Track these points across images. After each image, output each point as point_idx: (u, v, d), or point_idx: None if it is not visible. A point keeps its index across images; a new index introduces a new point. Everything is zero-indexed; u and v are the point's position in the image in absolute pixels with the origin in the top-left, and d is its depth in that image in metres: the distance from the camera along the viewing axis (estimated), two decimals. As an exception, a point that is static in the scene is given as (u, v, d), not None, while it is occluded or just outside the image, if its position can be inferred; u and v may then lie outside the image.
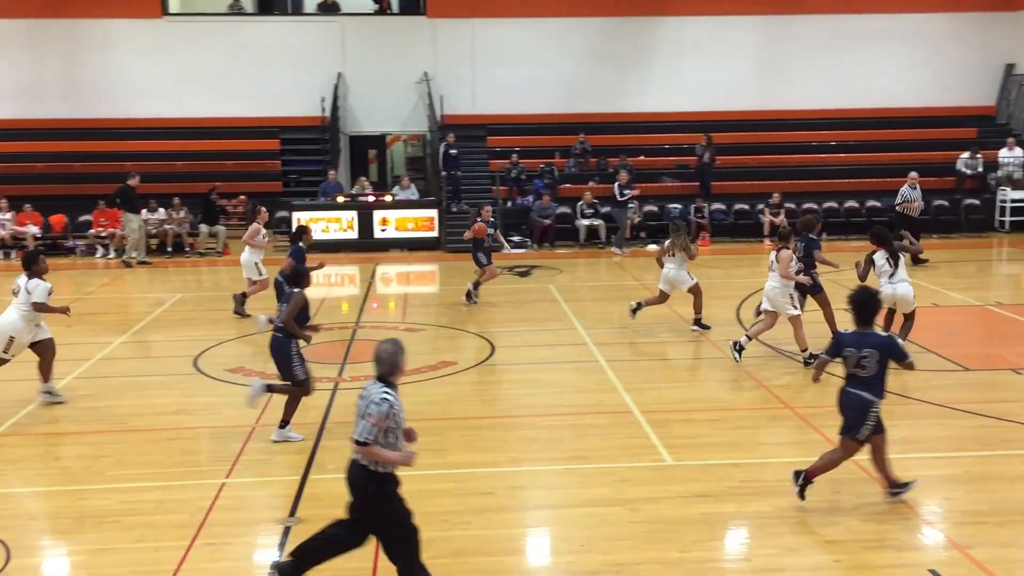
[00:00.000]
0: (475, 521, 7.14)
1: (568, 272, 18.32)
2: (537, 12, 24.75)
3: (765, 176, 23.00)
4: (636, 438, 8.88)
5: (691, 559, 6.48)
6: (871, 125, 24.84)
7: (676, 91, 24.85)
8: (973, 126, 24.82)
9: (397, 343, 5.78)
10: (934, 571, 6.23)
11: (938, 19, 25.07)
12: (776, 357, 11.68)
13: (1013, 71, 25.29)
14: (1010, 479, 7.73)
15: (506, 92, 24.57)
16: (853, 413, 7.08)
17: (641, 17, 24.92)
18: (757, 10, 24.94)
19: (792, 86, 25.07)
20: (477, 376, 11.11)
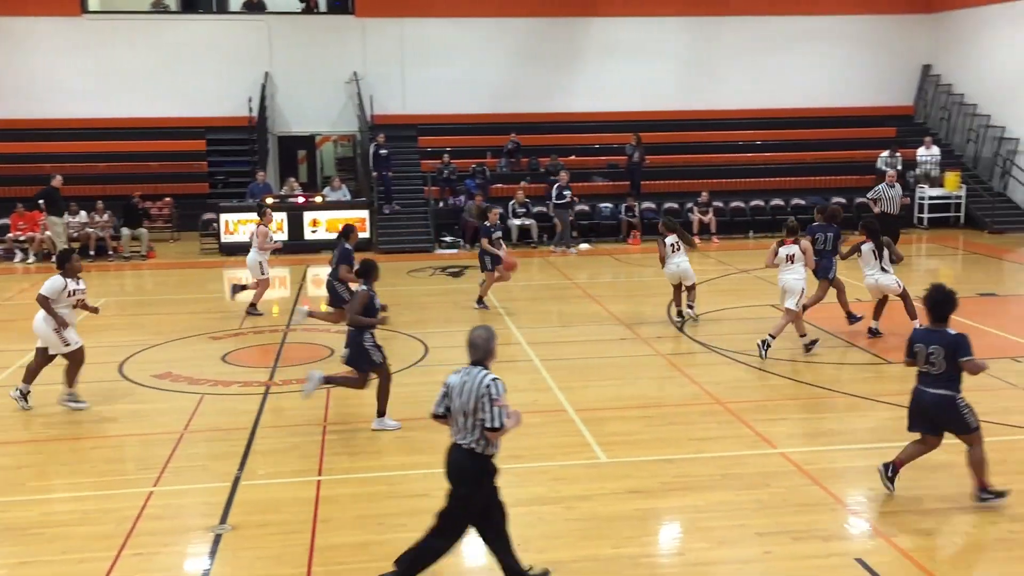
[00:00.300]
0: (411, 523, 7.09)
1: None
2: (467, 12, 24.75)
3: (694, 175, 23.35)
4: (570, 436, 8.93)
5: (625, 555, 6.54)
6: (795, 125, 25.41)
7: (606, 91, 25.09)
8: (892, 125, 25.56)
9: (490, 329, 5.96)
10: (860, 560, 6.39)
11: (858, 21, 25.77)
12: (706, 353, 11.87)
13: (930, 72, 26.11)
14: (931, 468, 7.96)
15: (437, 92, 24.52)
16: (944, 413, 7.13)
17: (570, 18, 25.10)
18: (684, 11, 25.31)
19: (719, 86, 25.51)
20: (410, 378, 11.05)
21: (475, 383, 5.71)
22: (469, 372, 5.81)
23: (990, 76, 23.95)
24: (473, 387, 5.71)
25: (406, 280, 17.48)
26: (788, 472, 7.93)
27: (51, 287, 9.68)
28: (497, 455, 5.88)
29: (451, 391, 5.87)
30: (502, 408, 5.66)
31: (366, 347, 9.04)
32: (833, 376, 10.69)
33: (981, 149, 24.20)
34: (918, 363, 7.22)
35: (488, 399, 5.65)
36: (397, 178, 22.76)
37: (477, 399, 5.68)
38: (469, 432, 5.78)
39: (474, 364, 5.84)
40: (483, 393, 5.67)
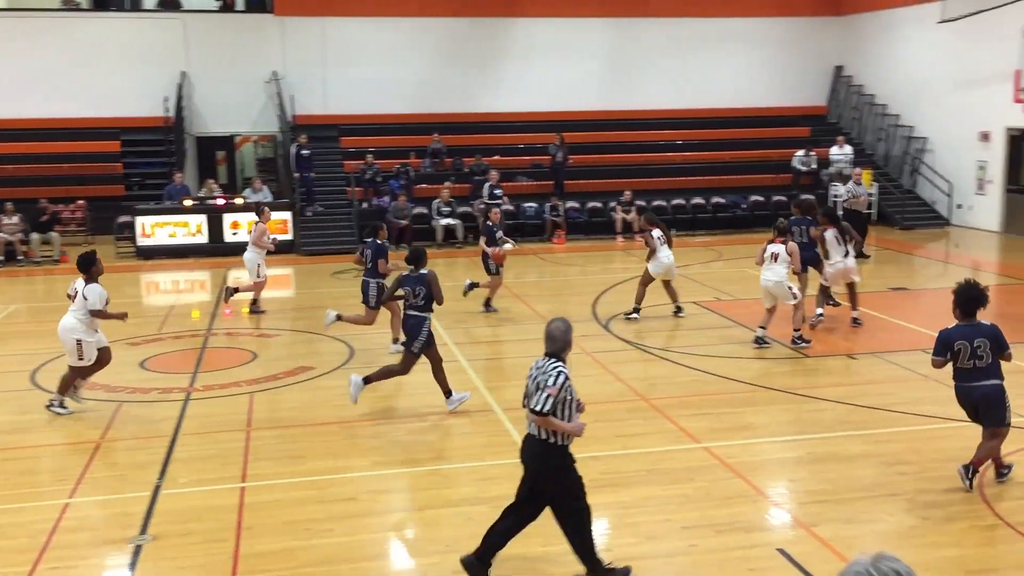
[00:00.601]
0: (337, 528, 7.03)
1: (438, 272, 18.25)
2: (388, 11, 24.60)
3: (617, 174, 23.60)
4: (498, 435, 8.95)
5: (555, 553, 6.57)
6: (714, 124, 25.88)
7: (529, 91, 25.21)
8: (807, 125, 26.22)
9: (567, 321, 6.01)
10: (782, 550, 6.54)
11: (773, 23, 26.37)
12: (630, 350, 12.01)
13: (842, 73, 26.87)
14: (849, 458, 8.20)
15: (359, 92, 24.32)
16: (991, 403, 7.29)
17: (492, 18, 25.14)
18: (604, 12, 25.56)
19: (640, 87, 25.84)
20: (336, 380, 10.93)
21: (544, 371, 5.81)
22: (543, 364, 5.87)
23: (898, 77, 24.75)
24: (541, 375, 5.81)
25: (330, 282, 17.29)
26: (712, 466, 8.08)
27: (98, 297, 9.40)
28: (569, 445, 5.91)
29: (527, 382, 5.96)
30: (551, 395, 5.69)
31: (422, 330, 9.39)
32: (754, 371, 10.92)
33: (891, 148, 24.99)
34: (961, 360, 7.32)
35: (543, 384, 5.74)
36: (319, 179, 22.50)
37: (537, 385, 5.79)
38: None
39: (549, 355, 5.89)
40: (543, 382, 5.75)
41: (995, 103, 20.78)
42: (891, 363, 11.21)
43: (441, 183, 22.33)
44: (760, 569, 6.28)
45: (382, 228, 12.73)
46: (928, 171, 23.84)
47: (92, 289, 9.42)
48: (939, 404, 9.62)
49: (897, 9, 24.55)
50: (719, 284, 14.08)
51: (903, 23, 24.41)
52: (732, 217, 22.97)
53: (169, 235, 20.32)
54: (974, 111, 22.03)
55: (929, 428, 8.94)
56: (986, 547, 6.53)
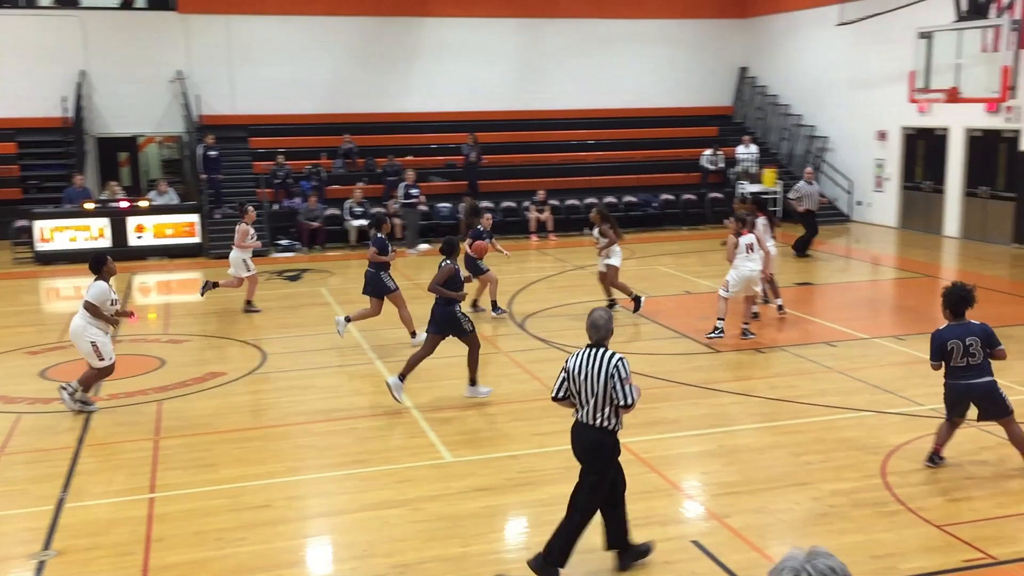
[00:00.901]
0: (251, 536, 6.89)
1: (340, 274, 18.07)
2: (296, 10, 24.24)
3: (530, 174, 23.73)
4: (415, 437, 8.91)
5: (473, 553, 6.57)
6: (624, 124, 26.24)
7: (441, 91, 25.15)
8: (714, 125, 26.81)
9: (608, 310, 6.32)
10: (696, 542, 6.67)
11: (679, 25, 26.86)
12: (546, 348, 12.08)
13: (746, 74, 27.54)
14: (759, 450, 8.41)
15: (268, 92, 23.91)
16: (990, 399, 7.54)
17: (402, 17, 25.00)
18: (514, 13, 25.67)
19: (551, 87, 26.03)
20: (248, 386, 10.73)
21: (601, 364, 5.91)
22: (591, 354, 5.98)
23: (800, 78, 25.49)
24: (600, 368, 5.90)
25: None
26: (627, 461, 8.12)
27: (98, 293, 9.36)
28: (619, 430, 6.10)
29: (571, 374, 6.04)
30: (632, 385, 5.91)
31: (457, 316, 9.70)
32: (667, 367, 11.10)
33: (795, 147, 25.71)
34: (954, 359, 7.55)
35: (619, 379, 5.87)
36: (228, 181, 22.03)
37: (606, 379, 5.87)
38: (599, 411, 5.97)
39: (594, 345, 6.03)
40: (612, 373, 5.87)
41: (891, 103, 21.56)
42: (797, 356, 11.54)
43: (353, 184, 22.10)
44: (675, 561, 6.39)
45: (386, 222, 12.88)
46: (829, 169, 24.61)
47: (95, 285, 9.44)
48: (843, 395, 9.95)
49: (798, 12, 25.27)
50: (632, 282, 14.27)
51: (803, 26, 25.14)
52: (644, 216, 23.31)
53: (70, 239, 19.62)
54: (872, 111, 22.83)
55: (834, 419, 9.21)
56: (889, 532, 6.77)
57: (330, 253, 20.50)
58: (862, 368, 10.94)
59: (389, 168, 22.52)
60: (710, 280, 16.54)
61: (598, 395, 5.95)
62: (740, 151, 24.51)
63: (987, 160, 20.15)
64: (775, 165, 24.58)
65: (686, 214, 23.59)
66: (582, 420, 6.11)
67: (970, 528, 6.75)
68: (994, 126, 19.74)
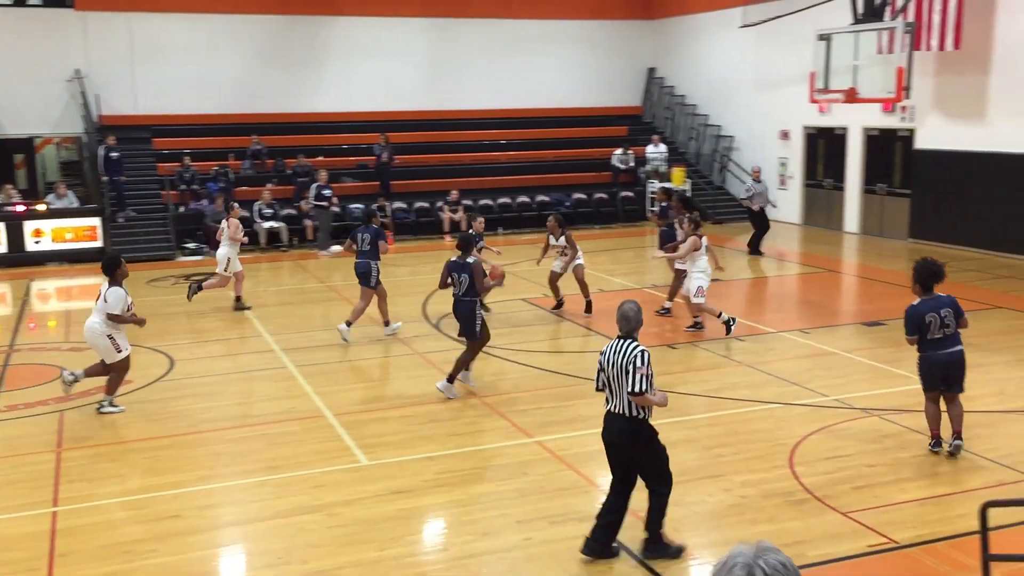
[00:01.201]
0: (161, 548, 6.71)
1: (250, 277, 17.68)
2: (200, 8, 23.66)
3: (443, 174, 23.67)
4: (330, 441, 8.80)
5: (390, 556, 6.53)
6: (536, 124, 26.38)
7: (351, 91, 24.89)
8: (623, 124, 27.17)
9: (637, 303, 6.43)
10: (613, 536, 6.74)
11: (588, 26, 27.15)
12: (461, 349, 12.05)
13: (654, 75, 27.99)
14: (671, 444, 8.48)
15: (171, 91, 23.28)
16: (961, 370, 7.82)
17: (312, 16, 24.65)
18: (425, 12, 25.57)
19: (462, 87, 26.01)
20: (156, 393, 10.44)
21: (624, 354, 6.17)
22: (619, 345, 6.24)
23: (706, 79, 26.03)
24: (622, 358, 6.17)
25: (146, 291, 16.47)
26: (544, 459, 8.23)
27: (116, 300, 9.44)
28: (650, 418, 6.31)
29: (603, 366, 6.30)
30: (644, 375, 6.10)
31: (478, 315, 9.90)
32: (582, 364, 11.20)
33: (702, 146, 26.25)
34: (931, 332, 7.78)
35: (632, 367, 6.11)
36: (131, 183, 21.38)
37: (624, 368, 6.13)
38: (625, 399, 6.20)
39: (624, 337, 6.27)
40: (629, 362, 6.12)
41: (793, 103, 22.16)
42: (707, 351, 11.78)
43: (263, 185, 21.71)
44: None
45: (375, 215, 13.43)
46: (736, 168, 25.18)
47: (113, 292, 9.45)
48: (752, 388, 10.20)
49: (703, 14, 25.80)
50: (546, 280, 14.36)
51: (709, 28, 25.68)
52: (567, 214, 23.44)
53: (-38, 245, 18.81)
54: (775, 111, 23.45)
55: (744, 411, 9.44)
56: (797, 520, 6.96)
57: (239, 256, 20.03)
58: (770, 362, 11.23)
59: (299, 169, 22.18)
60: (622, 278, 16.77)
61: (622, 384, 6.19)
62: (650, 150, 24.90)
63: (884, 158, 20.91)
64: (683, 164, 25.04)
65: (598, 213, 23.86)
66: (612, 410, 6.33)
67: (874, 514, 7.00)
68: (890, 125, 20.50)
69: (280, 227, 20.91)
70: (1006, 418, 9.04)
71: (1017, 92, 17.55)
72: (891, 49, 16.58)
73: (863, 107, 19.14)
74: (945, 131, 19.24)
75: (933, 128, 19.54)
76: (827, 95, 17.68)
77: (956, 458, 8.00)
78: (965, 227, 18.84)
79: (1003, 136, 17.91)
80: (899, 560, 6.37)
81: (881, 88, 16.55)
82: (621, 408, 6.26)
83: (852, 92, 17.00)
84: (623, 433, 6.28)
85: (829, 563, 6.33)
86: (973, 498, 7.08)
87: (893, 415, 9.16)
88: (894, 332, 12.57)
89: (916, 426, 8.80)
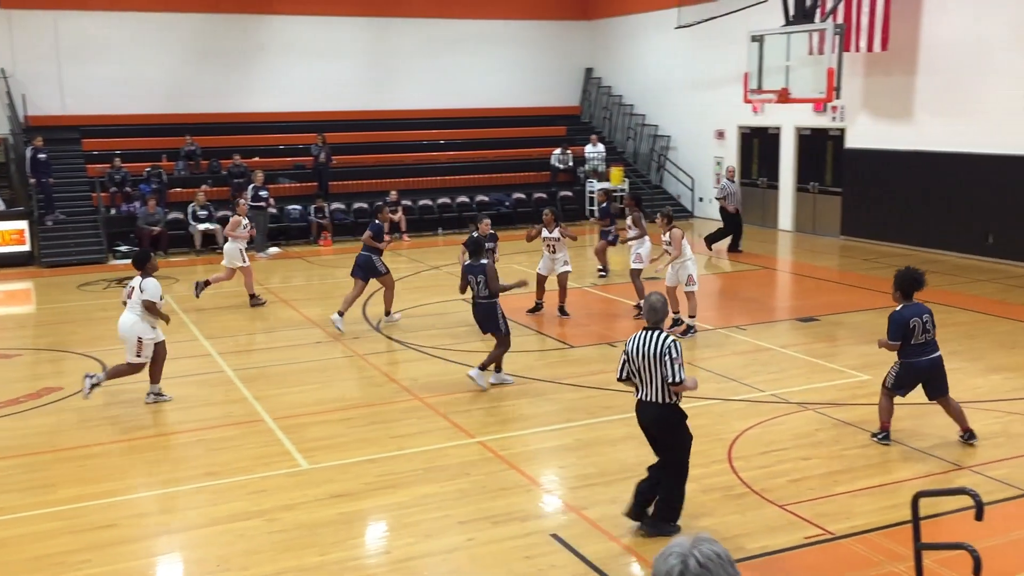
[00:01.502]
0: (96, 558, 6.55)
1: (185, 281, 17.38)
2: (130, 6, 23.16)
3: (382, 175, 23.52)
4: (270, 446, 8.68)
5: (331, 561, 6.47)
6: (475, 124, 26.37)
7: (287, 91, 24.61)
8: (562, 124, 27.31)
9: (661, 294, 6.78)
10: (555, 535, 6.77)
11: (525, 26, 27.23)
12: (402, 350, 12.01)
13: (592, 75, 28.19)
14: (612, 442, 8.62)
15: (101, 91, 22.76)
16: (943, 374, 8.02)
17: (245, 14, 24.30)
18: (360, 12, 25.39)
19: (400, 86, 25.89)
20: (88, 400, 10.18)
21: (657, 344, 6.44)
22: (647, 336, 6.50)
23: (642, 79, 26.29)
24: (655, 348, 6.42)
25: (77, 295, 16.08)
26: (486, 459, 8.23)
27: (154, 290, 9.63)
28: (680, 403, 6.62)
29: (630, 356, 6.54)
30: (680, 365, 6.39)
31: (499, 314, 10.08)
32: (523, 363, 11.23)
33: (640, 145, 26.51)
34: (915, 336, 7.91)
35: (670, 358, 6.38)
36: (60, 185, 20.84)
37: (659, 358, 6.39)
38: (658, 388, 6.47)
39: (651, 328, 6.55)
40: (664, 352, 6.39)
41: (728, 103, 22.49)
42: (647, 349, 11.87)
43: (198, 186, 21.33)
44: (536, 555, 6.47)
45: (383, 211, 13.93)
46: (673, 167, 25.48)
47: (149, 282, 9.68)
48: (691, 384, 10.32)
49: (639, 15, 26.05)
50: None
51: (645, 28, 25.94)
52: (496, 215, 23.44)
53: None
54: (710, 111, 23.78)
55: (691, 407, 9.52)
56: (736, 514, 7.07)
57: (174, 259, 19.71)
58: (708, 358, 11.38)
59: (235, 170, 21.85)
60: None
61: (654, 374, 6.45)
62: (588, 150, 25.06)
63: (816, 157, 21.34)
64: (622, 164, 25.25)
65: (538, 213, 23.84)
66: (644, 399, 6.60)
67: (810, 506, 7.14)
68: (822, 125, 20.94)
69: (215, 229, 20.56)
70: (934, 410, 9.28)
71: (942, 92, 18.06)
72: (821, 50, 16.93)
73: (795, 107, 19.50)
74: (874, 130, 19.73)
75: (863, 128, 20.01)
76: (760, 95, 17.97)
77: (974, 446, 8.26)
78: (894, 224, 19.34)
79: (929, 135, 18.42)
80: (835, 551, 6.51)
81: (812, 88, 16.87)
82: (652, 396, 6.54)
83: (784, 92, 17.30)
84: (656, 420, 6.61)
85: (767, 555, 6.44)
86: (904, 489, 7.27)
87: (827, 409, 9.36)
88: (828, 328, 12.87)
89: (850, 419, 9.01)
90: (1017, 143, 16.72)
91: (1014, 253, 17.03)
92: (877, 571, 6.21)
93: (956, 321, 12.86)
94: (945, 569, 6.04)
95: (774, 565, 6.38)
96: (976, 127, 17.43)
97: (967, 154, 17.68)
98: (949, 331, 12.42)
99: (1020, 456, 8.06)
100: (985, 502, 5.08)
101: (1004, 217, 17.22)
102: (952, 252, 17.97)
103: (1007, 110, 16.81)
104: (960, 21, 17.62)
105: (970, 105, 17.51)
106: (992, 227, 17.45)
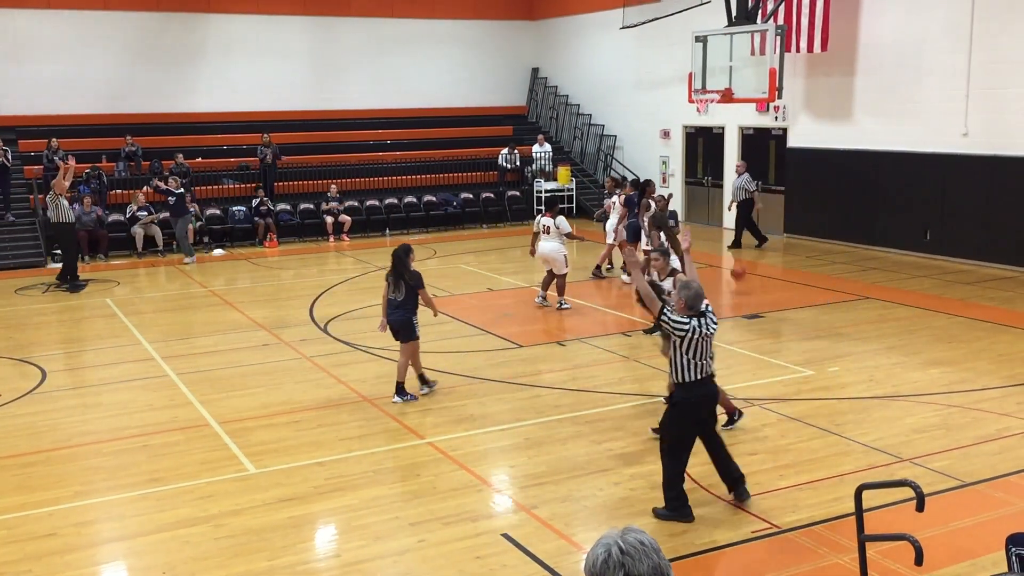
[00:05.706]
0: (36, 568, 6.40)
1: (127, 283, 17.07)
2: (68, 4, 22.65)
3: (328, 175, 23.32)
4: (216, 451, 8.55)
5: (281, 565, 6.39)
6: (421, 124, 26.28)
7: (230, 91, 24.28)
8: (509, 124, 27.34)
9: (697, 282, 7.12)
10: (506, 535, 6.78)
11: (471, 25, 27.21)
12: (350, 351, 11.93)
13: (538, 75, 28.26)
14: (562, 440, 8.65)
15: (37, 90, 22.23)
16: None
17: (187, 13, 23.91)
18: (304, 11, 25.15)
19: (345, 86, 25.70)
20: (25, 407, 9.94)
21: (715, 325, 6.97)
22: (705, 320, 6.84)
23: (588, 79, 26.43)
24: (714, 330, 6.92)
25: (15, 299, 15.69)
26: (436, 460, 8.21)
27: None
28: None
29: (703, 334, 6.83)
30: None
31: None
32: (472, 364, 11.22)
33: (586, 145, 26.64)
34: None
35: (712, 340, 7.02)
36: (-5, 186, 20.31)
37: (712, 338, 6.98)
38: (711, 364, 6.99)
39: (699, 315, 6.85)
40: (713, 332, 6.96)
41: (673, 103, 22.71)
42: (595, 347, 11.96)
43: (140, 188, 20.94)
44: (487, 555, 6.47)
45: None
46: (619, 166, 25.65)
47: None
48: (639, 382, 10.41)
49: (584, 15, 26.18)
50: (435, 280, 14.33)
51: (590, 28, 26.07)
52: (444, 215, 23.45)
53: None
54: (656, 110, 23.98)
55: (631, 405, 9.62)
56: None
57: (115, 262, 19.33)
58: (655, 356, 11.47)
59: (176, 170, 21.47)
60: (511, 277, 16.87)
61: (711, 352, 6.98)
62: (536, 150, 25.12)
63: (759, 156, 21.64)
64: (569, 163, 25.36)
65: (486, 212, 23.92)
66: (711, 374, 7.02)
67: (756, 501, 7.23)
68: (764, 124, 21.25)
69: (155, 231, 20.19)
70: (876, 404, 9.48)
71: (880, 92, 18.44)
72: (763, 51, 17.16)
73: (738, 107, 19.76)
74: (815, 130, 20.07)
75: (804, 127, 20.35)
76: (704, 95, 18.17)
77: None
78: (835, 222, 19.69)
79: (869, 134, 18.80)
80: (781, 544, 6.61)
81: (755, 88, 17.12)
82: (711, 371, 7.00)
83: (728, 92, 17.53)
84: (712, 395, 7.10)
85: (715, 550, 6.52)
86: (848, 482, 7.41)
87: (772, 404, 9.50)
88: (772, 324, 13.06)
89: (794, 414, 9.15)
90: (953, 142, 17.14)
91: (951, 249, 17.46)
92: (822, 563, 6.32)
93: (896, 316, 13.14)
94: (888, 560, 6.17)
95: (722, 559, 6.46)
96: (913, 126, 17.83)
97: (905, 153, 18.07)
98: (889, 326, 12.69)
99: (959, 448, 8.26)
100: (926, 493, 5.20)
101: (941, 214, 17.64)
102: (892, 249, 18.36)
103: (942, 110, 17.22)
104: (896, 22, 18.02)
105: (908, 105, 17.91)
106: (930, 224, 17.87)
